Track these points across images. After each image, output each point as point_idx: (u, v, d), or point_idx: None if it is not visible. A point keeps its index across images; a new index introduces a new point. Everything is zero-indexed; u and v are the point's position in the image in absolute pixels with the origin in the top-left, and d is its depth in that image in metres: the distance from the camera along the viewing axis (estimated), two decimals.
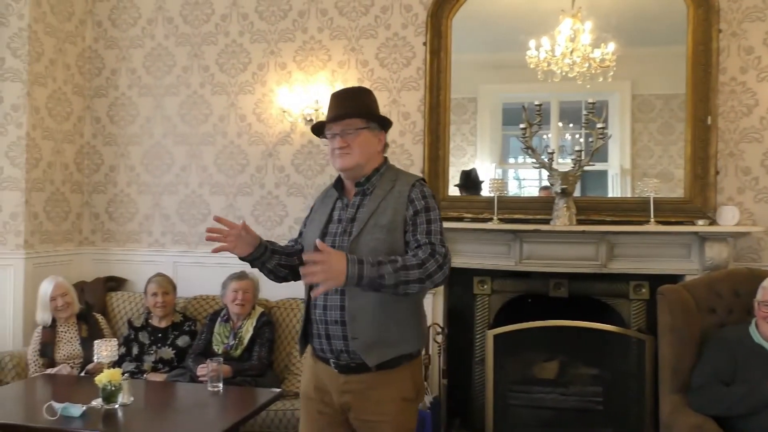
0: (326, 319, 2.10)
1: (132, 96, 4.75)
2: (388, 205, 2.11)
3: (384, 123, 2.24)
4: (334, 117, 2.17)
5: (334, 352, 2.11)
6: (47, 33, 4.42)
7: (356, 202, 2.17)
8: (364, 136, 2.16)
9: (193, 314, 4.18)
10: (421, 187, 2.15)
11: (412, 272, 1.92)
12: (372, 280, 1.87)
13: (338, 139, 2.14)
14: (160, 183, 4.69)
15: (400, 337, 2.11)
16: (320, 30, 4.45)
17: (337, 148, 2.14)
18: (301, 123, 4.40)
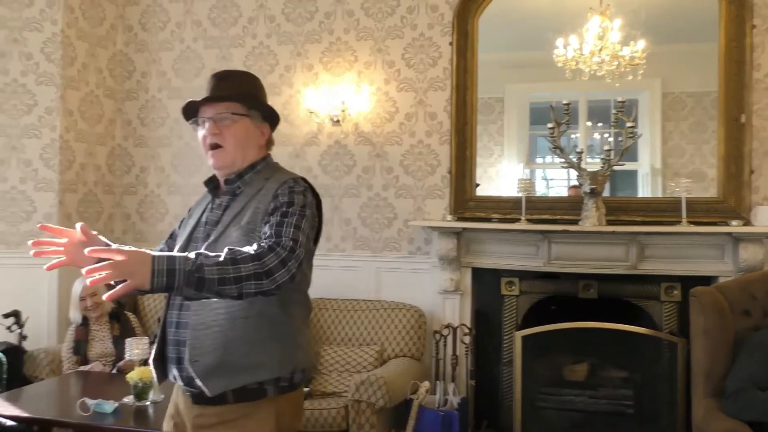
0: (178, 338, 1.74)
1: (162, 98, 4.82)
2: (251, 207, 1.77)
3: (269, 114, 1.88)
4: (208, 98, 1.82)
5: (184, 378, 1.72)
6: (80, 38, 4.50)
7: (224, 202, 1.83)
8: (242, 126, 1.81)
9: None
10: (293, 184, 1.77)
11: (244, 266, 1.51)
12: (188, 275, 1.46)
13: (210, 124, 1.79)
14: (189, 184, 4.75)
15: (253, 361, 1.68)
16: (346, 31, 4.47)
17: (210, 134, 1.79)
18: (328, 124, 4.42)
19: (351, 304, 4.22)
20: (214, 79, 1.87)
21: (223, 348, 1.68)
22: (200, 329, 1.68)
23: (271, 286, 1.54)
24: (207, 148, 1.82)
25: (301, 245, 1.63)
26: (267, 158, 1.90)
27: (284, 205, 1.71)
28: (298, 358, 1.77)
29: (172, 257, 1.48)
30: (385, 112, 4.40)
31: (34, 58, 4.30)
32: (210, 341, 1.68)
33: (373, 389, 3.43)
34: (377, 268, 4.38)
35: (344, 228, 4.47)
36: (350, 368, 3.93)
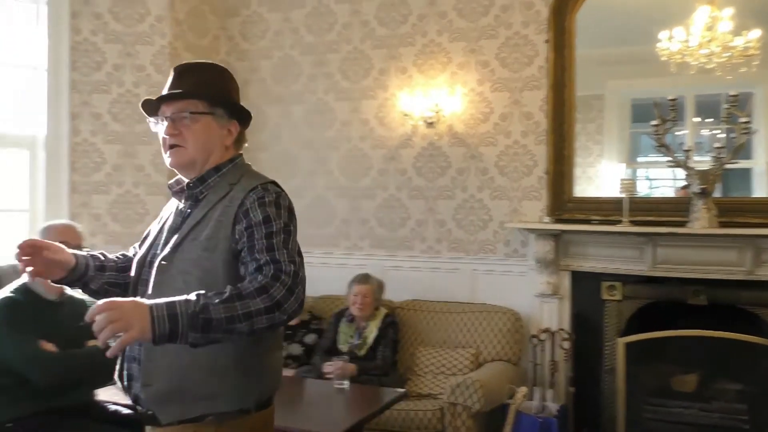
0: (128, 354, 1.61)
1: (261, 105, 4.99)
2: (212, 216, 1.60)
3: (235, 111, 1.73)
4: (164, 96, 1.67)
5: (132, 396, 1.62)
6: (186, 49, 4.74)
7: (185, 209, 1.69)
8: (204, 125, 1.65)
9: (320, 313, 4.31)
10: (263, 193, 1.59)
11: (251, 301, 1.40)
12: (193, 318, 1.34)
13: (168, 124, 1.64)
14: (287, 187, 4.82)
15: (210, 390, 1.54)
16: (440, 33, 4.46)
17: (167, 135, 1.64)
18: (422, 126, 4.43)
19: (446, 307, 4.20)
20: (174, 74, 1.71)
21: (179, 373, 1.53)
22: (157, 350, 1.47)
23: (283, 317, 1.45)
24: (165, 149, 1.67)
25: (300, 266, 1.53)
26: (236, 159, 1.73)
27: (260, 223, 1.54)
28: (264, 385, 1.65)
29: (171, 302, 1.36)
30: (479, 112, 4.35)
31: (146, 70, 4.57)
32: (165, 364, 1.53)
33: (469, 392, 3.40)
34: (472, 270, 4.33)
35: (438, 230, 4.45)
36: (445, 370, 3.91)
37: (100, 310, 1.31)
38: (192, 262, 1.56)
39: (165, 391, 1.55)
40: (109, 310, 1.31)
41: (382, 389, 3.33)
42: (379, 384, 3.54)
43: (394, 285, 4.30)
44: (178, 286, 1.52)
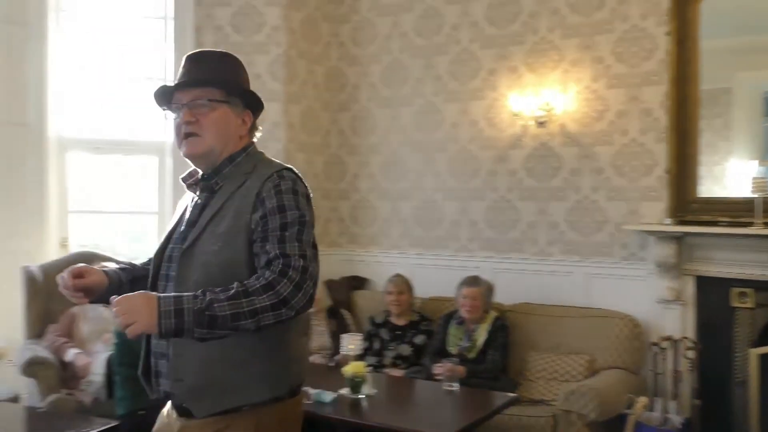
0: (156, 350, 1.62)
1: (371, 108, 5.08)
2: (230, 207, 1.59)
3: (250, 100, 1.71)
4: (182, 83, 1.65)
5: (161, 393, 1.63)
6: (300, 56, 4.92)
7: (201, 200, 1.68)
8: (222, 113, 1.64)
9: (429, 314, 4.32)
10: (278, 180, 1.58)
11: (258, 298, 1.41)
12: (199, 315, 1.37)
13: (185, 111, 1.62)
14: (397, 189, 4.95)
15: (242, 382, 1.56)
16: (551, 30, 4.34)
17: (184, 123, 1.62)
18: (533, 126, 4.33)
19: (559, 311, 4.08)
20: (189, 62, 1.68)
21: (210, 366, 1.55)
22: (186, 345, 1.52)
23: (291, 313, 1.45)
24: (180, 138, 1.65)
25: (311, 260, 1.51)
26: (249, 148, 1.71)
27: (275, 212, 1.53)
28: (294, 373, 1.65)
29: (179, 297, 1.39)
30: (594, 110, 4.19)
31: (262, 78, 4.78)
32: (195, 358, 1.54)
33: (584, 400, 3.28)
34: (586, 273, 4.18)
35: (551, 232, 4.34)
36: (558, 376, 3.80)
37: (115, 304, 1.38)
38: (213, 254, 1.55)
39: (197, 386, 1.56)
40: (119, 304, 1.37)
41: (492, 393, 3.29)
42: (489, 388, 3.50)
43: (504, 287, 4.23)
44: (200, 279, 1.53)
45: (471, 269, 4.34)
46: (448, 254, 4.70)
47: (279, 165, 1.67)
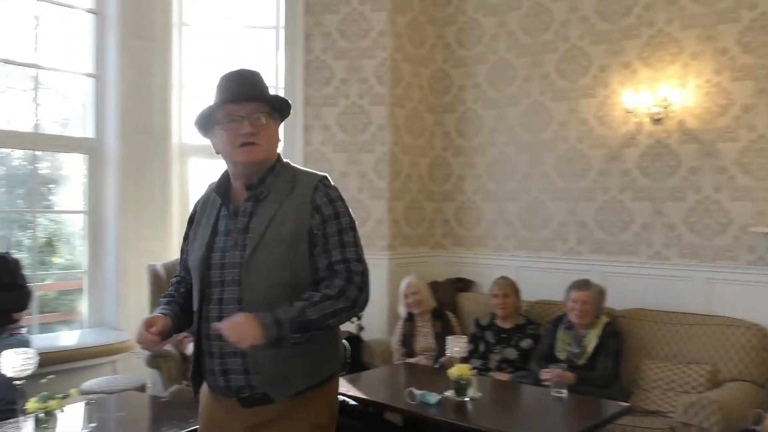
0: (223, 351, 1.76)
1: (477, 109, 5.04)
2: (288, 213, 1.76)
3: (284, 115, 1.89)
4: (243, 96, 1.76)
5: (232, 389, 1.79)
6: (405, 60, 4.97)
7: (248, 208, 1.80)
8: (273, 127, 1.82)
9: (536, 318, 4.23)
10: (326, 189, 1.81)
11: (336, 302, 1.71)
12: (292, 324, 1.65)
13: (246, 123, 1.74)
14: (503, 190, 4.88)
15: (310, 367, 1.80)
16: (669, 21, 4.12)
17: (243, 133, 1.74)
18: (648, 123, 4.13)
19: (676, 318, 3.86)
20: (234, 80, 1.80)
21: (284, 358, 1.74)
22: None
23: (359, 312, 1.77)
24: (235, 146, 1.77)
25: (364, 261, 1.79)
26: (281, 159, 1.89)
27: (332, 218, 1.77)
28: (340, 354, 1.94)
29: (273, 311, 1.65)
30: (716, 105, 3.94)
31: (369, 82, 4.87)
32: (271, 353, 1.71)
33: (705, 413, 3.08)
34: (707, 278, 3.93)
35: (668, 234, 4.12)
36: (676, 387, 3.59)
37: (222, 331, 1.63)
38: (280, 258, 1.74)
39: (275, 375, 1.75)
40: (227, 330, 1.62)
41: (603, 401, 3.16)
42: (600, 396, 3.37)
43: (615, 292, 4.07)
44: (271, 281, 1.74)
45: (580, 272, 4.20)
46: (555, 257, 4.58)
47: (316, 173, 1.87)
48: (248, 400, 1.78)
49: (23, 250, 4.66)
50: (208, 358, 1.81)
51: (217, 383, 1.81)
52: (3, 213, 4.67)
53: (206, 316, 1.80)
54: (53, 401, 2.48)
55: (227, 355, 1.76)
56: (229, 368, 1.78)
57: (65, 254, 5.06)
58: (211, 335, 1.76)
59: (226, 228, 1.81)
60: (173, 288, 1.99)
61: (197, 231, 1.88)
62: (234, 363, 1.77)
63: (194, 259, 1.84)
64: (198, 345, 1.84)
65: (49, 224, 5.01)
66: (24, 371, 2.55)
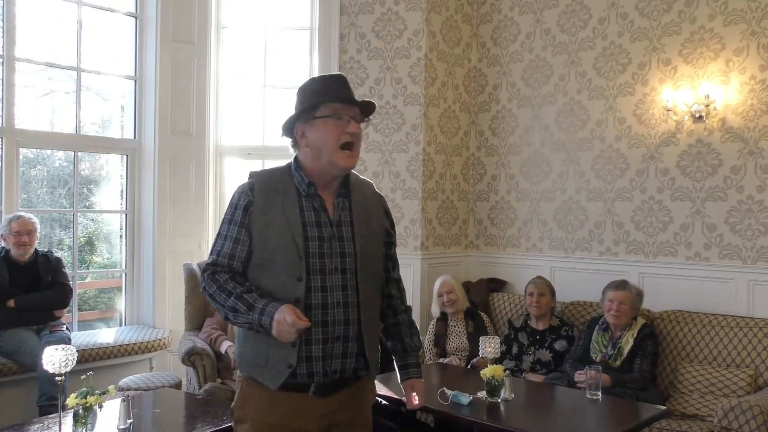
0: (327, 337, 1.84)
1: (512, 108, 5.00)
2: (371, 211, 1.99)
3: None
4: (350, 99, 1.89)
5: (328, 374, 1.86)
6: (439, 59, 4.95)
7: (339, 204, 1.94)
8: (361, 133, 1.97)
9: (570, 319, 4.17)
10: (383, 197, 2.10)
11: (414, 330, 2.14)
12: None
13: (353, 123, 1.87)
14: (537, 190, 4.82)
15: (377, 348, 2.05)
16: (711, 17, 4.02)
17: (352, 132, 1.86)
18: (689, 121, 4.04)
19: (716, 320, 3.76)
20: (344, 82, 1.93)
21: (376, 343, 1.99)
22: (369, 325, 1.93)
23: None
24: (339, 143, 1.85)
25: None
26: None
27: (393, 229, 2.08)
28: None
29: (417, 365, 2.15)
30: (762, 103, 3.83)
31: (403, 82, 4.86)
32: (375, 333, 1.99)
33: (746, 417, 3.00)
34: (750, 281, 3.82)
35: (707, 235, 4.01)
36: (715, 391, 3.50)
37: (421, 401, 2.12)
38: (378, 248, 1.98)
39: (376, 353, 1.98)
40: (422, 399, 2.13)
41: (639, 404, 3.11)
42: (636, 398, 3.31)
43: (652, 294, 3.99)
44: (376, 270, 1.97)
45: (616, 273, 4.13)
46: (591, 257, 4.51)
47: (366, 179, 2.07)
48: (326, 388, 1.88)
49: (64, 248, 4.79)
50: (305, 345, 1.82)
51: (311, 370, 1.83)
52: (45, 212, 4.80)
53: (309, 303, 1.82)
54: (92, 397, 2.54)
55: (332, 340, 1.85)
56: (327, 354, 1.85)
57: (104, 253, 5.19)
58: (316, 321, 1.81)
59: (316, 219, 1.88)
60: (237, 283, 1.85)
61: (271, 219, 1.85)
62: (336, 348, 1.87)
63: (286, 244, 1.82)
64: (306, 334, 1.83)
65: (89, 224, 5.14)
66: (64, 367, 2.61)
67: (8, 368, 3.83)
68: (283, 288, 1.82)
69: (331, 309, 1.83)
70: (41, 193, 4.87)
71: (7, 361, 3.83)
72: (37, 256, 4.02)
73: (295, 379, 1.83)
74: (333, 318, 1.83)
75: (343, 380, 1.90)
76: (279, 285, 1.83)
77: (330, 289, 1.83)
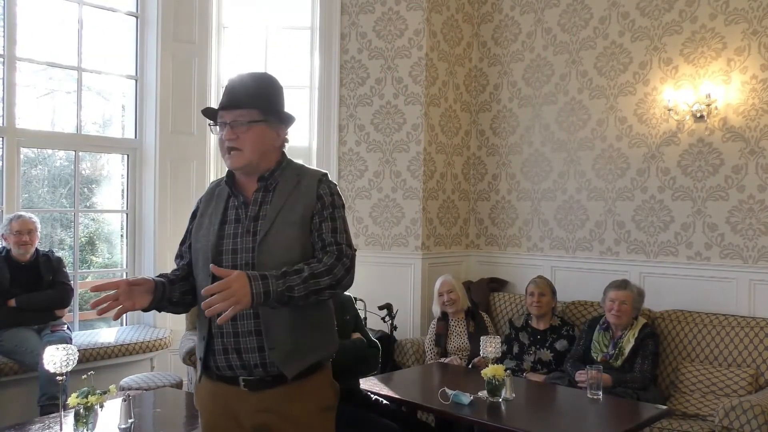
0: (237, 330, 1.86)
1: (512, 108, 4.99)
2: (297, 201, 1.92)
3: (284, 117, 1.99)
4: (224, 105, 1.92)
5: (246, 367, 1.87)
6: (440, 59, 4.94)
7: (258, 198, 1.94)
8: (259, 131, 1.91)
9: (571, 319, 4.17)
10: (328, 183, 1.98)
11: (322, 280, 1.80)
12: (280, 295, 1.72)
13: (227, 129, 1.90)
14: (538, 189, 4.82)
15: (316, 342, 1.94)
16: (712, 17, 4.02)
17: (226, 140, 1.90)
18: (690, 121, 4.04)
19: (717, 320, 3.76)
20: (230, 86, 1.94)
21: (296, 333, 1.87)
22: (273, 319, 1.84)
23: (340, 290, 1.86)
24: (224, 151, 1.92)
25: (353, 247, 1.93)
26: (285, 156, 2.02)
27: (330, 206, 1.92)
28: (336, 338, 2.05)
29: (265, 278, 1.71)
30: (763, 102, 3.83)
31: (404, 82, 4.86)
32: (284, 329, 1.85)
33: (747, 417, 3.00)
34: (751, 280, 3.82)
35: (709, 234, 4.01)
36: (716, 390, 3.50)
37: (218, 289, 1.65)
38: (291, 240, 1.87)
39: (288, 351, 1.86)
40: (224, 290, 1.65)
41: (640, 404, 3.11)
42: (637, 398, 3.30)
43: (653, 293, 3.99)
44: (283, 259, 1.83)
45: (617, 273, 4.13)
46: (591, 257, 4.50)
47: (319, 170, 2.03)
48: (257, 383, 1.87)
49: (65, 248, 4.79)
50: (218, 338, 1.89)
51: (229, 363, 1.88)
52: (46, 212, 4.81)
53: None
54: (93, 397, 2.54)
55: (242, 334, 1.86)
56: (242, 347, 1.86)
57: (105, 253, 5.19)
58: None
59: (236, 216, 1.94)
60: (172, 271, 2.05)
61: (202, 222, 2.00)
62: (248, 342, 1.86)
63: (203, 246, 1.94)
64: (208, 328, 1.90)
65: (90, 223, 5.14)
66: (65, 367, 2.61)
67: (9, 368, 3.84)
68: (201, 285, 1.89)
69: None
70: (42, 193, 4.87)
71: (8, 361, 3.84)
72: (38, 256, 4.03)
73: (220, 372, 1.90)
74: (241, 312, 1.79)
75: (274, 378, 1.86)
76: (199, 283, 1.93)
77: None
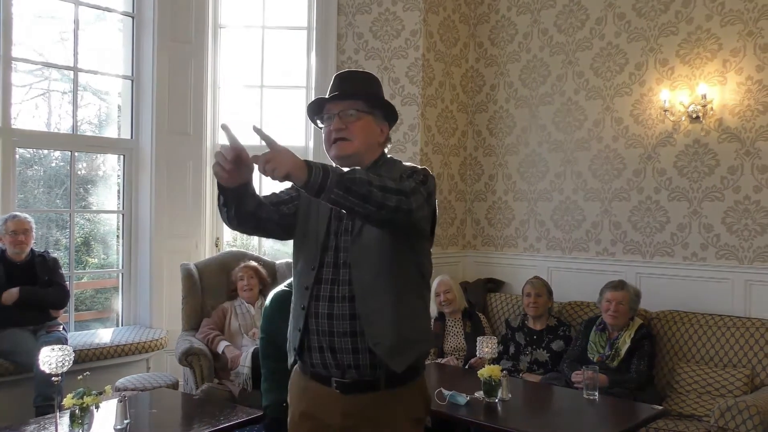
0: (333, 330, 1.81)
1: (509, 108, 5.00)
2: None
3: (390, 113, 1.95)
4: (334, 95, 1.90)
5: (340, 367, 1.82)
6: (437, 59, 4.95)
7: None
8: (366, 122, 1.88)
9: (567, 319, 4.17)
10: (415, 168, 1.87)
11: (389, 182, 1.65)
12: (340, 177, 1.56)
13: (336, 119, 1.87)
14: (535, 190, 4.83)
15: (418, 334, 1.88)
16: (708, 18, 4.03)
17: (334, 130, 1.86)
18: (686, 121, 4.04)
19: (713, 320, 3.77)
20: (338, 79, 1.94)
21: (399, 325, 1.80)
22: (372, 314, 1.78)
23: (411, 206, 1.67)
24: (330, 142, 1.88)
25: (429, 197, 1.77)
26: (384, 154, 1.96)
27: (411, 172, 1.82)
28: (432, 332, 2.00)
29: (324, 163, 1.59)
30: (759, 103, 3.84)
31: (400, 82, 4.86)
32: (387, 322, 1.78)
33: (742, 417, 3.00)
34: (747, 281, 3.83)
35: (705, 235, 4.02)
36: (712, 391, 3.51)
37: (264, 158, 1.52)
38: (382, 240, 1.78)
39: (393, 344, 1.79)
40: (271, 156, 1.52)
41: (636, 404, 3.11)
42: (633, 399, 3.31)
43: (649, 294, 3.99)
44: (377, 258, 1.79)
45: (613, 273, 4.14)
46: (588, 257, 4.51)
47: (417, 166, 1.92)
48: (349, 386, 1.83)
49: (61, 249, 4.78)
50: (314, 335, 1.84)
51: (323, 361, 1.84)
52: (42, 212, 4.79)
53: (315, 294, 1.84)
54: (89, 397, 2.53)
55: (337, 334, 1.81)
56: (337, 347, 1.81)
57: (101, 253, 5.18)
58: (320, 313, 1.82)
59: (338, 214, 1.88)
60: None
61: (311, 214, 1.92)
62: (342, 342, 1.81)
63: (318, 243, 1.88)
64: (304, 322, 1.86)
65: (85, 224, 5.13)
66: (61, 368, 2.60)
67: (5, 368, 3.82)
68: (300, 274, 1.90)
69: (336, 303, 1.81)
70: (38, 193, 4.86)
71: (3, 362, 3.82)
72: (33, 256, 4.01)
73: (314, 369, 1.87)
74: (337, 312, 1.80)
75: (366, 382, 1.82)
76: (299, 271, 1.91)
77: (341, 283, 1.82)
